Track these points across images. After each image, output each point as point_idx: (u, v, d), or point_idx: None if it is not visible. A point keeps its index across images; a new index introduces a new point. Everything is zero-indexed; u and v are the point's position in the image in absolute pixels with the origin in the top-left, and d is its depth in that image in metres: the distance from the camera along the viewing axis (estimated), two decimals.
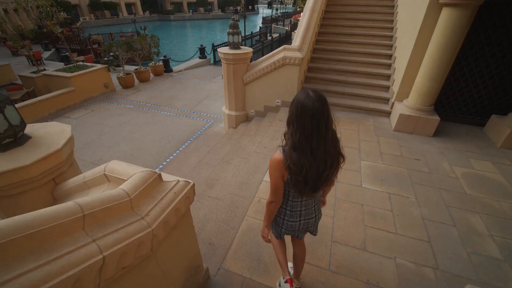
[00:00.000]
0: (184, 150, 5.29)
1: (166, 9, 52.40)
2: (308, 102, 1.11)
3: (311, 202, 1.43)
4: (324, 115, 1.12)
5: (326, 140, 1.16)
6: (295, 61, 4.25)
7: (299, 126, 1.14)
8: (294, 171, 1.18)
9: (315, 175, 1.20)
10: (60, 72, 7.45)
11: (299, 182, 1.21)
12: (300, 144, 1.14)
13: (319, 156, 1.16)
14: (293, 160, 1.16)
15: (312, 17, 4.90)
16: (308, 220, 1.48)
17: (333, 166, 1.23)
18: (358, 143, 3.66)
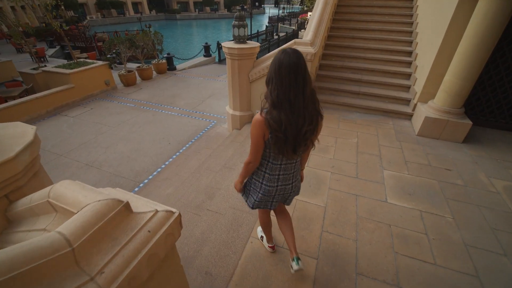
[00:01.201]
0: (185, 152, 4.93)
1: (172, 8, 52.43)
2: (285, 58, 1.14)
3: (290, 167, 1.44)
4: (301, 68, 1.15)
5: (304, 94, 1.18)
6: (307, 57, 3.83)
7: (277, 82, 1.17)
8: (274, 127, 1.19)
9: (295, 131, 1.21)
10: (59, 69, 7.17)
11: (279, 139, 1.22)
12: (279, 100, 1.17)
13: (297, 110, 1.18)
14: (273, 116, 1.18)
15: (326, 10, 4.48)
16: (285, 186, 1.50)
17: (312, 123, 1.24)
18: (378, 149, 3.24)
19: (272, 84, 1.21)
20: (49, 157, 4.87)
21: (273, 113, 1.20)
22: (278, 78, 1.17)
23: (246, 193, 1.64)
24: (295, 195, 1.64)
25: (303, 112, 1.20)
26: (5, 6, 20.07)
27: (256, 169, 1.48)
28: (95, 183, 4.18)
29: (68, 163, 4.70)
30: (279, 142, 1.24)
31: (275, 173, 1.43)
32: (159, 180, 4.09)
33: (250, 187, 1.58)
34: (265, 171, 1.44)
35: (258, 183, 1.50)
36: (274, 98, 1.19)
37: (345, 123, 3.85)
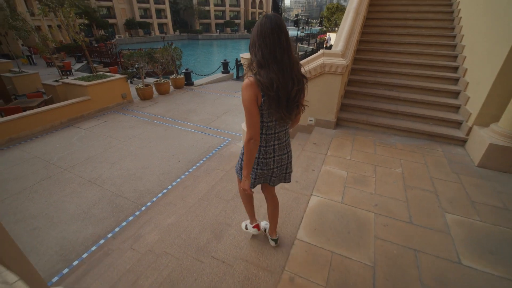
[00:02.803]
0: (194, 172, 4.45)
1: (195, 29, 55.20)
2: (266, 21, 1.16)
3: (282, 135, 1.45)
4: (282, 29, 1.16)
5: (289, 53, 1.19)
6: (337, 69, 3.32)
7: (261, 43, 1.17)
8: (266, 86, 1.18)
9: (285, 90, 1.21)
10: (77, 81, 7.17)
11: (272, 99, 1.22)
12: (264, 59, 1.18)
13: (285, 68, 1.19)
14: (262, 76, 1.18)
15: (357, 20, 4.02)
16: (281, 156, 1.49)
17: (300, 84, 1.27)
18: (432, 183, 2.56)
19: (255, 47, 1.20)
20: (53, 171, 4.57)
21: (261, 73, 1.19)
22: (261, 39, 1.17)
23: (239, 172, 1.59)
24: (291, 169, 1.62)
25: (290, 72, 1.21)
26: (43, 25, 21.75)
27: None
28: (94, 203, 3.77)
29: (70, 178, 4.37)
30: (273, 103, 1.23)
31: (270, 144, 1.43)
32: (162, 204, 3.60)
33: None
34: (260, 144, 1.42)
35: (255, 158, 1.45)
36: (259, 59, 1.19)
37: (384, 148, 3.22)
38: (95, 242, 3.15)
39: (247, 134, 1.31)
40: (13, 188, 4.12)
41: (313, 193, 2.25)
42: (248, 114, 1.27)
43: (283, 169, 1.56)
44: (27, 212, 3.63)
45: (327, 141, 3.35)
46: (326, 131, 3.66)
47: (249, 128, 1.29)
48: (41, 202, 3.80)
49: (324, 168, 2.69)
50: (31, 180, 4.32)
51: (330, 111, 3.65)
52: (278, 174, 1.56)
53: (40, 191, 4.04)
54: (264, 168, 1.47)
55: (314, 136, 3.52)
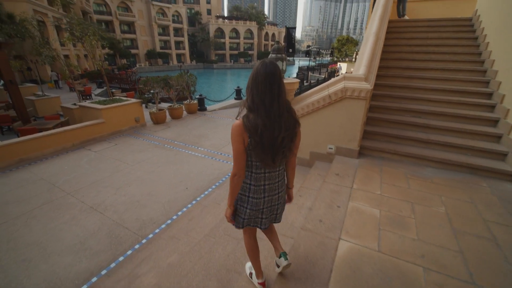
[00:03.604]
0: (202, 201, 4.11)
1: (210, 59, 58.35)
2: (262, 67, 1.24)
3: (274, 176, 1.44)
4: (276, 77, 1.23)
5: (279, 101, 1.24)
6: (360, 94, 3.06)
7: (254, 88, 1.25)
8: (251, 130, 1.23)
9: (271, 138, 1.25)
10: (93, 104, 7.30)
11: (257, 143, 1.26)
12: (254, 104, 1.25)
13: (273, 116, 1.23)
14: (250, 119, 1.24)
15: (378, 44, 3.85)
16: (272, 197, 1.48)
17: (288, 129, 1.29)
18: (488, 229, 2.09)
19: (249, 91, 1.28)
20: (56, 195, 4.37)
21: (249, 117, 1.25)
22: (255, 85, 1.24)
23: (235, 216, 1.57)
24: (282, 210, 1.63)
25: (279, 120, 1.25)
26: (71, 54, 23.51)
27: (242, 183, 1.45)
28: (93, 232, 3.46)
29: (72, 203, 4.12)
30: (258, 146, 1.26)
31: (260, 183, 1.42)
32: (165, 237, 3.23)
33: (237, 205, 1.52)
34: (250, 183, 1.43)
35: (245, 197, 1.47)
36: (250, 103, 1.27)
37: (418, 182, 2.79)
38: (86, 279, 2.78)
39: (233, 170, 1.37)
40: (12, 212, 3.91)
41: (341, 237, 1.86)
42: (234, 152, 1.33)
43: (273, 210, 1.55)
44: (21, 239, 3.35)
45: (351, 172, 2.98)
46: (349, 161, 3.30)
47: (234, 165, 1.36)
48: (38, 229, 3.53)
49: (352, 205, 2.29)
50: (32, 204, 4.11)
51: (352, 139, 3.32)
52: (268, 215, 1.54)
53: (39, 217, 3.79)
54: (254, 208, 1.46)
55: (336, 166, 3.16)
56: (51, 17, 22.03)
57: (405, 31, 5.61)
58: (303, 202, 2.57)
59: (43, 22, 21.26)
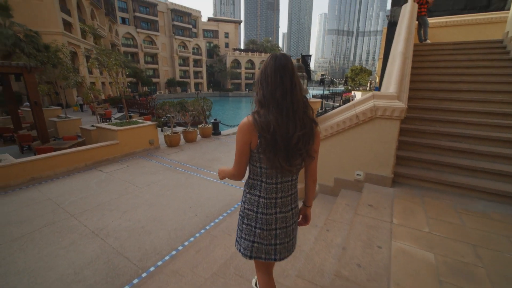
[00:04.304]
0: (212, 230, 3.70)
1: (226, 87, 60.84)
2: (271, 60, 1.13)
3: (287, 187, 1.25)
4: (287, 69, 1.12)
5: (293, 96, 1.11)
6: (394, 113, 2.72)
7: (263, 82, 1.14)
8: (262, 126, 1.10)
9: (285, 135, 1.10)
10: (109, 125, 7.38)
11: (268, 143, 1.10)
12: (265, 99, 1.13)
13: (286, 111, 1.10)
14: (260, 116, 1.12)
15: (406, 63, 3.58)
16: (286, 214, 1.26)
17: (305, 127, 1.14)
18: None
19: (258, 85, 1.17)
20: (59, 216, 4.13)
21: (260, 112, 1.13)
22: (264, 78, 1.13)
23: (238, 236, 1.33)
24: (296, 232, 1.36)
25: (293, 116, 1.12)
26: (97, 81, 25.18)
27: (249, 196, 1.27)
28: (90, 261, 3.11)
29: (74, 227, 3.85)
30: (269, 147, 1.11)
31: (271, 196, 1.23)
32: (167, 272, 2.81)
33: (243, 225, 1.28)
34: (259, 194, 1.24)
35: (253, 213, 1.25)
36: (260, 97, 1.15)
37: (473, 218, 2.28)
38: None
39: (232, 169, 1.26)
40: (11, 233, 3.67)
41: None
42: (238, 152, 1.20)
43: (289, 232, 1.30)
44: (13, 266, 3.05)
45: (387, 203, 2.53)
46: (382, 190, 2.85)
47: (235, 166, 1.24)
48: (33, 254, 3.24)
49: (396, 245, 1.83)
50: (33, 225, 3.87)
51: (385, 164, 2.91)
52: (284, 239, 1.27)
53: (37, 240, 3.52)
54: (265, 227, 1.24)
55: (367, 195, 2.72)
56: (82, 48, 24.09)
57: (430, 54, 5.37)
58: (332, 238, 2.13)
59: (75, 52, 23.23)
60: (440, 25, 6.98)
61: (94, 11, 31.10)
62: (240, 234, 1.33)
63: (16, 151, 8.49)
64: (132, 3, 45.85)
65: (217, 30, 65.72)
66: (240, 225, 1.33)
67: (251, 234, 1.26)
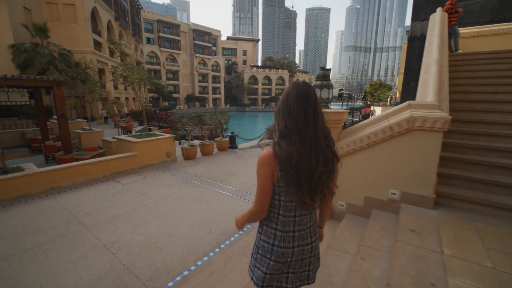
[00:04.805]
0: (227, 250, 3.42)
1: (243, 103, 61.92)
2: (293, 88, 1.09)
3: (305, 220, 1.18)
4: (310, 98, 1.07)
5: (316, 127, 1.06)
6: (435, 124, 2.40)
7: (285, 111, 1.09)
8: (283, 161, 1.04)
9: (307, 169, 1.04)
10: (128, 137, 7.49)
11: (291, 177, 1.04)
12: (286, 130, 1.07)
13: (308, 144, 1.05)
14: (281, 147, 1.06)
15: (443, 72, 3.26)
16: (303, 247, 1.19)
17: (327, 164, 1.08)
18: None
19: (279, 115, 1.11)
20: (73, 228, 4.05)
21: (281, 144, 1.07)
22: (286, 108, 1.08)
23: (252, 264, 1.28)
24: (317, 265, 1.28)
25: (316, 149, 1.06)
26: (122, 96, 26.51)
27: (265, 227, 1.21)
28: (99, 278, 2.94)
29: (86, 239, 3.73)
30: (292, 182, 1.04)
31: (289, 229, 1.16)
32: None
33: (258, 254, 1.23)
34: (276, 227, 1.18)
35: (268, 245, 1.19)
36: (281, 129, 1.09)
37: None
38: None
39: (254, 206, 1.16)
40: (25, 243, 3.62)
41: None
42: (260, 186, 1.13)
43: (305, 264, 1.23)
44: (22, 278, 2.95)
45: (432, 228, 2.15)
46: (423, 212, 2.47)
47: (257, 202, 1.14)
48: (43, 267, 3.13)
49: (455, 284, 1.47)
50: (47, 236, 3.81)
51: (425, 183, 2.54)
52: (298, 269, 1.22)
53: (49, 252, 3.42)
54: (280, 260, 1.17)
55: (406, 218, 2.35)
56: (110, 66, 25.67)
57: (464, 64, 4.98)
58: (369, 270, 1.79)
59: (103, 69, 24.78)
60: (471, 35, 6.59)
61: (122, 32, 33.43)
62: (254, 262, 1.27)
63: (41, 161, 8.82)
64: (157, 24, 48.97)
65: (236, 48, 68.13)
66: (255, 254, 1.28)
67: (264, 266, 1.20)
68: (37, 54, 15.52)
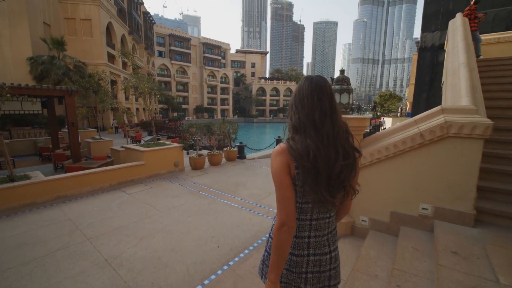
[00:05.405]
0: (236, 268, 3.13)
1: (251, 114, 62.29)
2: (306, 82, 1.02)
3: (323, 225, 1.05)
4: (325, 90, 0.99)
5: (332, 118, 0.98)
6: (474, 131, 2.12)
7: (298, 105, 1.02)
8: (299, 154, 0.94)
9: (326, 164, 0.94)
10: (136, 146, 7.41)
11: (309, 171, 0.93)
12: (301, 123, 0.99)
13: (326, 137, 0.96)
14: (296, 141, 0.97)
15: (473, 75, 3.00)
16: (320, 257, 1.06)
17: (348, 158, 0.99)
18: None
19: (292, 109, 1.05)
20: (75, 239, 3.86)
21: (295, 138, 0.99)
22: (299, 101, 1.01)
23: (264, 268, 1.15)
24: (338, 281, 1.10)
25: (334, 142, 0.97)
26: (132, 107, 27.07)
27: None
28: None
29: (87, 252, 3.52)
30: (310, 177, 0.94)
31: (303, 235, 1.05)
32: None
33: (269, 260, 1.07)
34: None
35: None
36: (295, 122, 1.01)
37: None
38: None
39: (278, 218, 0.97)
40: (25, 255, 3.44)
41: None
42: (278, 187, 0.98)
43: (324, 279, 1.05)
44: None
45: (478, 250, 1.84)
46: (462, 230, 2.15)
47: (280, 209, 0.97)
48: (40, 282, 2.92)
49: None
50: (47, 248, 3.62)
51: (463, 197, 2.23)
52: (316, 284, 1.04)
53: (48, 265, 3.22)
54: (293, 270, 1.05)
55: (444, 237, 2.03)
56: (122, 77, 26.39)
57: (489, 69, 4.69)
58: None
59: (116, 81, 25.47)
60: (492, 42, 6.31)
61: (135, 45, 34.61)
62: (266, 269, 1.14)
63: (50, 169, 8.83)
64: (169, 38, 50.63)
65: (244, 60, 69.39)
66: (266, 260, 1.14)
67: None
68: (53, 66, 16.07)
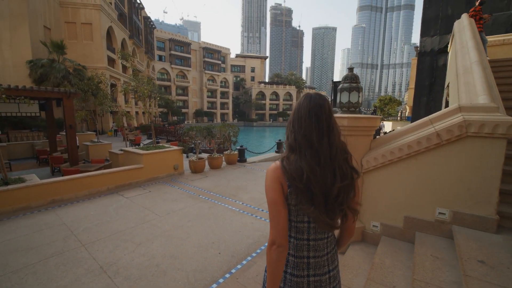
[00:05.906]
0: (239, 276, 2.96)
1: (251, 118, 62.27)
2: (305, 100, 1.01)
3: (321, 245, 1.04)
4: (324, 109, 0.98)
5: (330, 139, 0.96)
6: (496, 130, 1.98)
7: (296, 124, 1.00)
8: (292, 176, 0.94)
9: (323, 187, 0.93)
10: (135, 149, 7.26)
11: (301, 192, 0.93)
12: (296, 143, 0.98)
13: (323, 158, 0.94)
14: (290, 162, 0.97)
15: (487, 73, 2.88)
16: (321, 277, 1.04)
17: (345, 180, 0.96)
18: None
19: (289, 128, 1.04)
20: (69, 245, 3.68)
21: (290, 158, 0.98)
22: (297, 120, 1.00)
23: None
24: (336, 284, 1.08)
25: (332, 163, 0.95)
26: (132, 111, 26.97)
27: None
28: None
29: (82, 259, 3.34)
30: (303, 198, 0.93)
31: (302, 255, 1.04)
32: None
33: None
34: (288, 252, 1.05)
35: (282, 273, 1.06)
36: (291, 141, 1.01)
37: None
38: None
39: (270, 235, 0.97)
40: (15, 263, 3.25)
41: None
42: (270, 204, 0.97)
43: None
44: None
45: (506, 259, 1.68)
46: (484, 237, 2.00)
47: (271, 226, 0.97)
48: None
49: None
50: (40, 255, 3.44)
51: (484, 201, 2.08)
52: None
53: (39, 273, 3.04)
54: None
55: (466, 244, 1.88)
56: (122, 81, 26.35)
57: (497, 70, 4.59)
58: None
59: (115, 84, 25.41)
60: (496, 44, 6.23)
61: (136, 49, 34.69)
62: None
63: (47, 172, 8.65)
64: (169, 43, 50.85)
65: (244, 65, 69.69)
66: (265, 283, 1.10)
67: None
68: (52, 69, 15.99)
